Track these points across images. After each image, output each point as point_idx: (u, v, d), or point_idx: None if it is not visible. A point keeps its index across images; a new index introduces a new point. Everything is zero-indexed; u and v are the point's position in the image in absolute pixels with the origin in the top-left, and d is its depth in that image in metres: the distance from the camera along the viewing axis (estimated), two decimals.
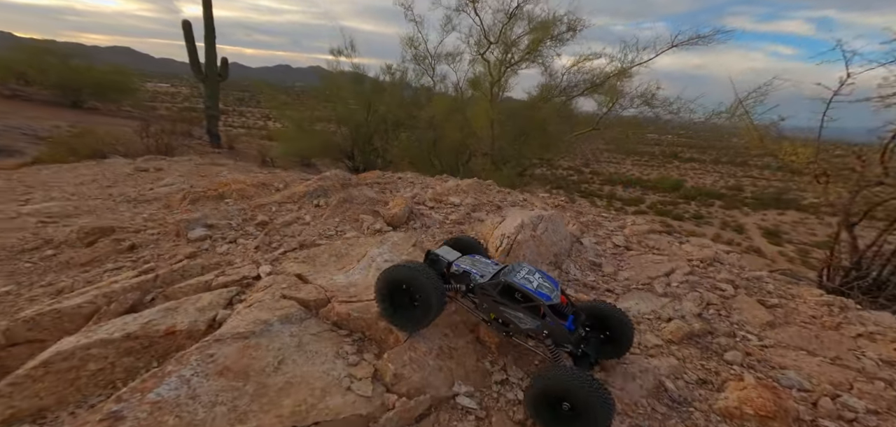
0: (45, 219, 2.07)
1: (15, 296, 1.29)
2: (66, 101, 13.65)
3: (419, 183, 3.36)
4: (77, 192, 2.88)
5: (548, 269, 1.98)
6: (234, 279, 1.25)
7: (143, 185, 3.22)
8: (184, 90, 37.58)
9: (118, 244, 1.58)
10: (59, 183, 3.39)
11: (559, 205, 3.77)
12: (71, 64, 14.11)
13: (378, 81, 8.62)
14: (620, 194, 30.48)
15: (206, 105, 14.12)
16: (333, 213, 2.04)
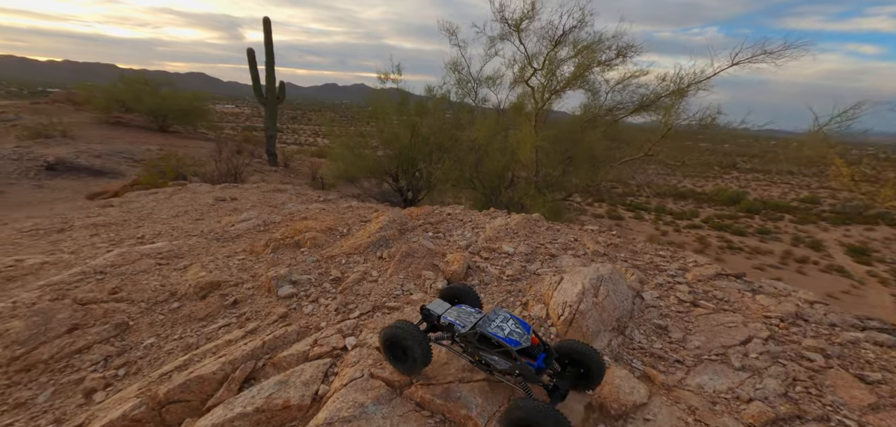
0: (160, 261, 2.41)
1: (157, 348, 1.53)
2: (155, 126, 15.62)
3: (469, 222, 3.43)
4: (176, 228, 3.32)
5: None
6: (326, 351, 1.40)
7: (224, 219, 3.63)
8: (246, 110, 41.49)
9: (224, 299, 1.81)
10: (160, 214, 3.92)
11: (612, 243, 3.64)
12: (161, 92, 16.06)
13: (422, 103, 8.92)
14: (671, 207, 28.39)
15: (265, 126, 15.46)
16: (397, 268, 2.17)
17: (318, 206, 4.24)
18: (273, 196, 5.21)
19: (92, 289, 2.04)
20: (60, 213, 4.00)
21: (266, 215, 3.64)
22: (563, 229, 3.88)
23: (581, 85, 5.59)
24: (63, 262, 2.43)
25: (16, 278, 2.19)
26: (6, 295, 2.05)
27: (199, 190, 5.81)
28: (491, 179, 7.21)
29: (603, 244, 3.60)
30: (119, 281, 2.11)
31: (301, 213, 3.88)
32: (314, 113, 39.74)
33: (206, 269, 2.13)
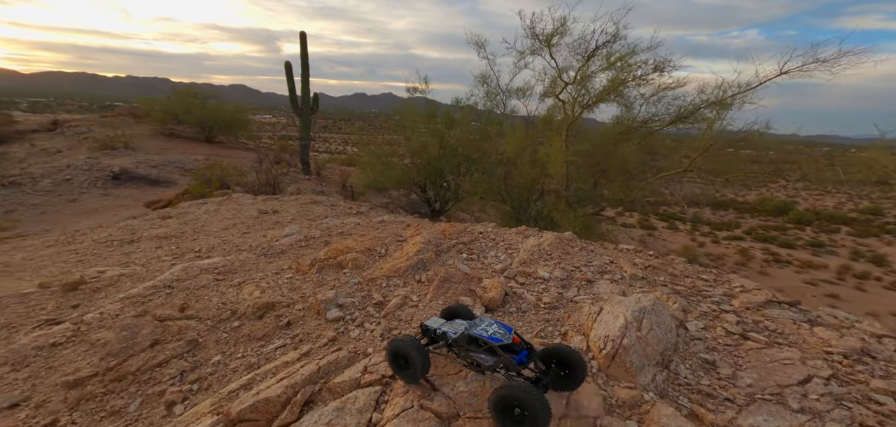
0: (217, 277, 2.61)
1: (223, 365, 1.68)
2: (202, 137, 16.78)
3: (502, 242, 3.45)
4: (226, 242, 3.58)
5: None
6: (376, 378, 1.48)
7: (269, 233, 3.87)
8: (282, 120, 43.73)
9: (278, 320, 1.95)
10: (211, 227, 4.24)
11: (650, 265, 3.53)
12: (208, 104, 17.19)
13: (450, 114, 9.03)
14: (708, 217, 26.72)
15: (300, 136, 16.19)
16: (436, 294, 2.23)
17: (353, 221, 4.41)
18: (310, 209, 5.47)
19: (163, 303, 2.25)
20: (129, 224, 4.41)
21: (306, 230, 3.84)
22: (597, 250, 3.80)
23: (615, 100, 5.45)
24: (136, 274, 2.69)
25: (100, 289, 2.45)
26: (94, 305, 2.31)
27: (243, 201, 6.20)
28: (519, 192, 7.17)
29: (640, 266, 3.50)
30: (185, 296, 2.32)
31: (338, 228, 4.06)
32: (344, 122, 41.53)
33: (260, 288, 2.29)
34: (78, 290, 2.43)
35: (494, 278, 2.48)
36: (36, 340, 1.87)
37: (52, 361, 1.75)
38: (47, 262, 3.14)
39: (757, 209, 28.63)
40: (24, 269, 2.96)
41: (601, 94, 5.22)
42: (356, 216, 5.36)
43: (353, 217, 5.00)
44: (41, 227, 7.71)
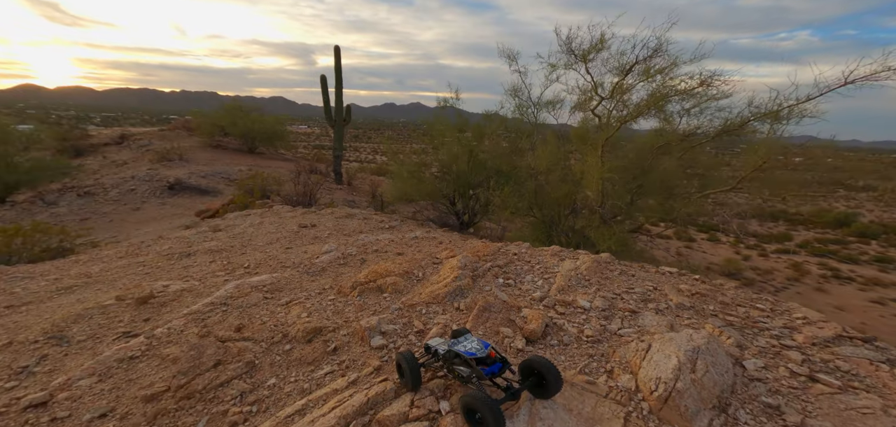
0: (266, 295, 2.76)
1: (278, 389, 1.77)
2: (245, 148, 17.89)
3: (537, 266, 3.40)
4: (271, 257, 3.79)
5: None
6: (423, 413, 1.50)
7: (309, 249, 4.06)
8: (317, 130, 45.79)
9: (326, 345, 2.03)
10: (257, 241, 4.51)
11: (697, 292, 3.33)
12: (251, 117, 18.28)
13: (480, 127, 9.05)
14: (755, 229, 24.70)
15: (333, 146, 16.83)
16: (475, 324, 2.23)
17: (387, 237, 4.52)
18: (346, 223, 5.68)
19: (220, 320, 2.42)
20: (185, 237, 4.77)
21: (343, 247, 3.99)
22: (637, 274, 3.65)
23: (657, 115, 5.21)
24: (195, 289, 2.90)
25: (166, 303, 2.67)
26: (162, 319, 2.51)
27: (283, 214, 6.53)
28: (551, 207, 7.02)
29: (686, 293, 3.31)
30: (239, 315, 2.47)
31: (373, 245, 4.17)
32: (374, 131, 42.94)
33: (307, 311, 2.39)
34: (148, 303, 2.66)
35: (534, 309, 2.45)
36: (117, 353, 2.07)
37: (130, 374, 1.92)
38: (120, 273, 3.47)
39: (813, 221, 26.15)
40: (103, 281, 3.28)
41: (640, 109, 5.01)
42: (389, 231, 5.48)
43: (387, 232, 5.12)
44: (110, 234, 8.53)
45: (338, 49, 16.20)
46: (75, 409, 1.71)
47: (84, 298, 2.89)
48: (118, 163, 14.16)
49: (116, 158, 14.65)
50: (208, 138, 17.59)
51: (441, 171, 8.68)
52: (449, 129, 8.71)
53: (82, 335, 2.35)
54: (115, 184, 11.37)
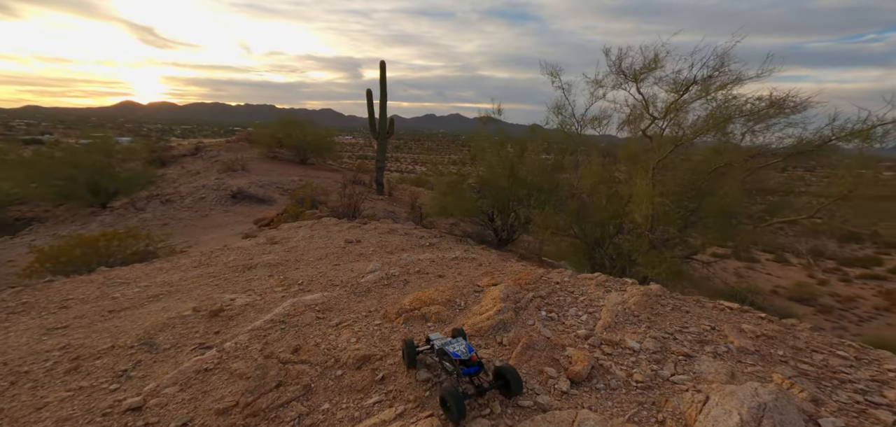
0: (318, 315, 2.94)
1: (331, 414, 1.89)
2: (297, 159, 19.21)
3: (581, 297, 3.28)
4: (321, 274, 4.04)
5: None
6: None
7: (355, 267, 4.27)
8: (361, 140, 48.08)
9: (374, 373, 2.13)
10: (308, 256, 4.83)
11: (764, 335, 3.02)
12: (304, 129, 19.59)
13: (521, 142, 8.95)
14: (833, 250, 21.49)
15: (376, 158, 17.51)
16: (519, 361, 2.21)
17: (428, 257, 4.61)
18: (388, 239, 5.89)
19: (279, 338, 2.63)
20: (246, 249, 5.23)
21: (387, 267, 4.14)
22: (692, 310, 3.39)
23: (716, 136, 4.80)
24: (256, 304, 3.18)
25: (233, 317, 2.96)
26: (230, 333, 2.78)
27: (330, 227, 6.94)
28: (594, 228, 6.73)
29: (750, 335, 3.02)
30: (295, 333, 2.67)
31: (415, 266, 4.29)
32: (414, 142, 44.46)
33: (356, 335, 2.53)
34: (218, 316, 2.97)
35: (580, 349, 2.37)
36: (194, 364, 2.33)
37: (205, 386, 2.16)
38: (195, 283, 3.90)
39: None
40: (181, 290, 3.71)
41: (697, 131, 4.66)
42: (429, 249, 5.59)
43: (427, 251, 5.24)
44: (183, 238, 9.60)
45: (383, 64, 16.93)
46: (163, 415, 1.96)
47: (167, 307, 3.29)
48: (192, 172, 15.91)
49: (191, 168, 16.48)
50: (266, 149, 19.15)
51: (480, 186, 8.70)
52: (490, 144, 8.72)
53: (167, 344, 2.68)
54: (189, 192, 12.77)
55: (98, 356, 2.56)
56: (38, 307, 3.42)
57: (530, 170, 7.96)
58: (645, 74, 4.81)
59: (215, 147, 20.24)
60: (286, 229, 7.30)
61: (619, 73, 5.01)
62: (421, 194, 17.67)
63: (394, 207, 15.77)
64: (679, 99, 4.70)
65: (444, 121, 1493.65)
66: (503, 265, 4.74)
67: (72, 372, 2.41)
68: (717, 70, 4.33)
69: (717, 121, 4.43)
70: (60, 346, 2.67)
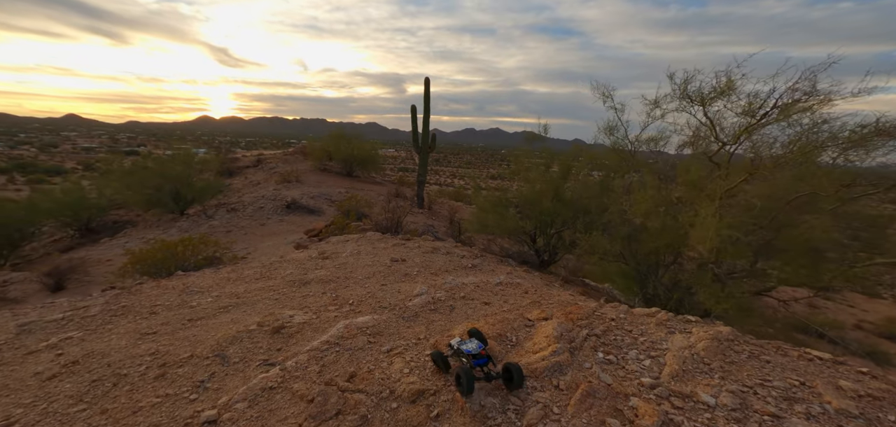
0: (370, 339, 3.00)
1: None
2: (344, 172, 20.21)
3: (640, 337, 3.02)
4: (370, 294, 4.14)
5: None
6: None
7: (402, 289, 4.33)
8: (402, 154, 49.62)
9: (429, 410, 2.11)
10: (356, 274, 4.99)
11: (868, 394, 2.58)
12: (351, 143, 20.58)
13: (566, 161, 8.64)
14: None
15: (418, 172, 17.87)
16: (578, 410, 2.07)
17: (472, 282, 4.56)
18: (432, 259, 5.93)
19: (334, 361, 2.70)
20: (302, 263, 5.53)
21: (433, 290, 4.15)
22: (773, 358, 2.99)
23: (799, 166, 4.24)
24: (312, 323, 3.32)
25: (292, 335, 3.11)
26: (291, 351, 2.92)
27: (376, 242, 7.15)
28: (647, 257, 6.25)
29: (851, 394, 2.60)
30: (349, 357, 2.73)
31: (460, 290, 4.25)
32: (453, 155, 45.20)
33: (408, 365, 2.53)
34: (280, 333, 3.13)
35: (646, 400, 2.16)
36: (260, 381, 2.46)
37: (271, 405, 2.26)
38: (257, 296, 4.18)
39: None
40: (247, 303, 4.00)
41: (780, 162, 4.15)
42: (472, 271, 5.54)
43: (471, 274, 5.18)
44: (244, 245, 10.44)
45: (428, 80, 17.39)
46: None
47: (236, 319, 3.55)
48: (254, 182, 17.36)
49: (253, 179, 17.99)
50: (317, 162, 20.40)
51: (523, 205, 8.50)
52: (534, 163, 8.53)
53: (236, 357, 2.87)
54: (251, 201, 13.92)
55: (180, 364, 2.81)
56: (133, 311, 3.87)
57: (576, 191, 7.64)
58: (715, 99, 4.41)
59: (274, 159, 21.92)
60: (335, 243, 7.65)
61: (684, 98, 4.64)
62: (459, 209, 17.72)
63: (433, 221, 15.95)
64: (754, 124, 4.23)
65: (483, 135, 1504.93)
66: (549, 293, 4.54)
67: (160, 378, 2.67)
68: (805, 93, 3.84)
69: (806, 152, 3.89)
70: (151, 352, 2.97)
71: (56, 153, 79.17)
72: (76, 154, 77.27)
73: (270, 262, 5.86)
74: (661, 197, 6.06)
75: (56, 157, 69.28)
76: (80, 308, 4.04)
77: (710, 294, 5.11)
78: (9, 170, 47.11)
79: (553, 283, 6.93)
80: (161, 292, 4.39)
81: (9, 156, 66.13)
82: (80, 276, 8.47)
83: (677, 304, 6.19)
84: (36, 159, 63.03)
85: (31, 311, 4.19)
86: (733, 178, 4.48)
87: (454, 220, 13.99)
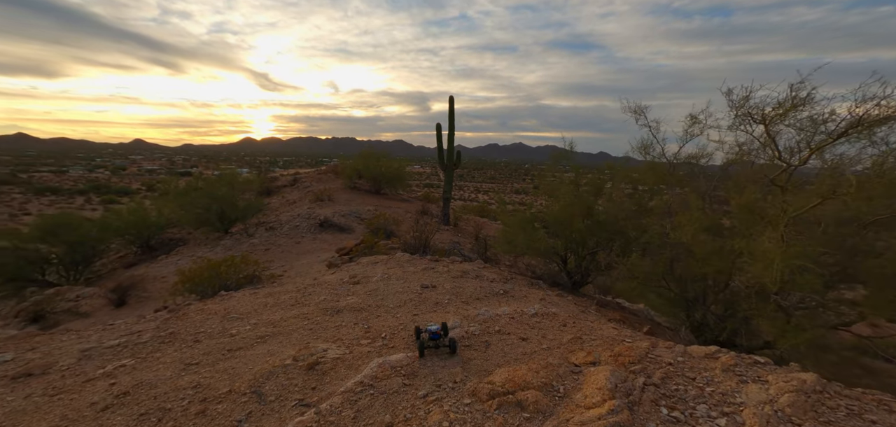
0: (404, 381, 2.77)
1: None
2: (373, 189, 20.50)
3: (706, 387, 2.59)
4: (402, 326, 3.94)
5: None
6: None
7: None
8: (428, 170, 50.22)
9: None
10: (387, 302, 4.83)
11: None
12: (379, 161, 20.90)
13: (598, 180, 8.17)
14: None
15: (443, 190, 17.75)
16: None
17: (506, 313, 4.25)
18: (461, 284, 5.68)
19: (368, 405, 2.50)
20: (335, 289, 5.45)
21: (465, 323, 3.89)
22: (879, 418, 2.46)
23: None
24: (346, 360, 3.15)
25: (326, 373, 2.95)
26: (325, 391, 2.75)
27: (404, 265, 7.00)
28: (694, 285, 5.65)
29: None
30: (384, 402, 2.52)
31: (494, 323, 3.96)
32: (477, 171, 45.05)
33: (447, 417, 2.28)
34: (314, 370, 2.99)
35: None
36: (296, 424, 2.30)
37: None
38: (293, 325, 4.11)
39: None
40: (283, 332, 3.93)
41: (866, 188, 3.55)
42: (504, 298, 5.22)
43: (503, 303, 4.87)
44: (280, 263, 10.68)
45: (452, 99, 17.42)
46: None
47: (272, 351, 3.47)
48: (290, 201, 17.99)
49: (290, 197, 18.65)
50: (348, 180, 20.87)
51: (553, 224, 8.08)
52: (563, 181, 8.13)
53: (272, 394, 2.75)
54: (287, 220, 14.34)
55: (219, 400, 2.73)
56: (179, 338, 3.91)
57: (611, 211, 7.14)
58: (781, 117, 3.90)
59: (308, 177, 22.69)
60: (365, 264, 7.59)
61: (745, 117, 4.15)
62: (484, 225, 17.36)
63: (459, 238, 15.67)
64: (826, 142, 3.68)
65: (506, 150, 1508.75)
66: (588, 324, 4.14)
67: (200, 415, 2.59)
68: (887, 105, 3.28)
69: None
70: (193, 385, 2.93)
71: (125, 175, 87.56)
72: (141, 176, 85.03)
73: (304, 286, 5.86)
74: (707, 219, 5.49)
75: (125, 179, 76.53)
76: (134, 333, 4.15)
77: (776, 327, 4.48)
78: (86, 191, 52.59)
79: (588, 307, 6.43)
80: (205, 318, 4.44)
81: (87, 178, 73.89)
82: (139, 292, 9.00)
83: (731, 335, 5.51)
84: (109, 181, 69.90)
85: (92, 335, 4.37)
86: (802, 202, 3.91)
87: (480, 236, 13.68)
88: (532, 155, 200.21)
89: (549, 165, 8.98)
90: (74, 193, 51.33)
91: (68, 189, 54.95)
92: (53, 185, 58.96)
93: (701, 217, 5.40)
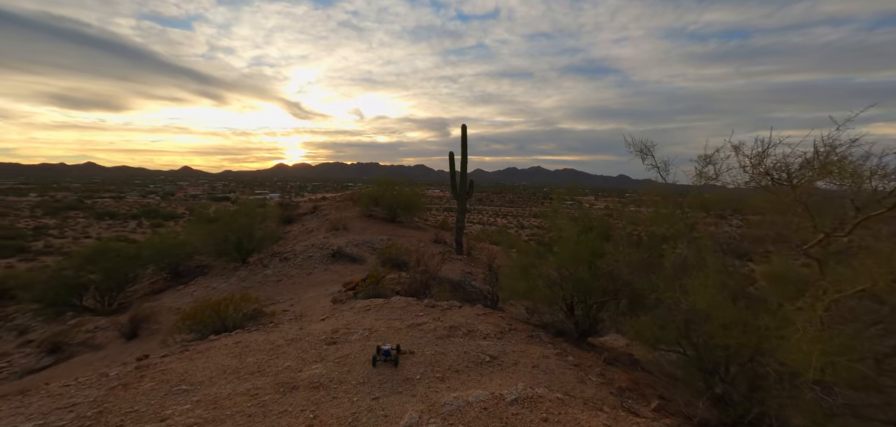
0: None
1: None
2: (389, 217, 20.41)
3: None
4: (350, 423, 3.43)
5: None
6: None
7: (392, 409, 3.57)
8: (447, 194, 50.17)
9: None
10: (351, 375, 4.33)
11: None
12: (394, 191, 20.85)
13: (605, 224, 7.34)
14: None
15: (457, 218, 17.22)
16: None
17: (480, 402, 3.60)
18: (445, 347, 5.08)
19: None
20: (307, 349, 5.08)
21: (425, 420, 3.32)
22: None
23: None
24: None
25: None
26: None
27: (392, 320, 6.52)
28: (716, 354, 4.68)
29: None
30: None
31: (460, 419, 3.35)
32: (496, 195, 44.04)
33: None
34: None
35: None
36: None
37: None
38: (235, 408, 3.69)
39: None
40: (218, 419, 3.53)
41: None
42: (489, 365, 4.56)
43: (486, 376, 4.22)
44: (289, 296, 10.61)
45: (464, 127, 17.06)
46: None
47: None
48: (308, 230, 18.28)
49: (308, 226, 18.99)
50: (364, 208, 20.98)
51: (558, 271, 7.31)
52: (568, 225, 7.38)
53: None
54: (302, 250, 14.46)
55: None
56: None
57: (617, 263, 6.29)
58: (813, 180, 3.03)
59: (328, 204, 23.12)
60: (358, 311, 7.22)
61: (763, 175, 3.32)
62: (498, 254, 16.58)
63: (471, 268, 14.99)
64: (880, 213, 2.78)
65: (524, 173, 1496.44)
66: (575, 414, 3.40)
67: None
68: None
69: None
70: None
71: (173, 200, 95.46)
72: (186, 201, 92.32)
73: (285, 340, 5.54)
74: (729, 282, 4.55)
75: (172, 204, 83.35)
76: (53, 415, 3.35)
77: (815, 423, 3.49)
78: (138, 216, 57.69)
79: (592, 368, 5.57)
80: (151, 388, 4.06)
81: (140, 204, 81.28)
82: (151, 324, 9.21)
83: (757, 420, 4.46)
84: (158, 206, 76.37)
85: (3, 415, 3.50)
86: (848, 280, 3.00)
87: (492, 267, 12.97)
88: (551, 178, 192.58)
89: (553, 202, 8.24)
90: (129, 218, 56.48)
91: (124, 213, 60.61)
92: (112, 210, 65.24)
93: (719, 279, 4.49)
